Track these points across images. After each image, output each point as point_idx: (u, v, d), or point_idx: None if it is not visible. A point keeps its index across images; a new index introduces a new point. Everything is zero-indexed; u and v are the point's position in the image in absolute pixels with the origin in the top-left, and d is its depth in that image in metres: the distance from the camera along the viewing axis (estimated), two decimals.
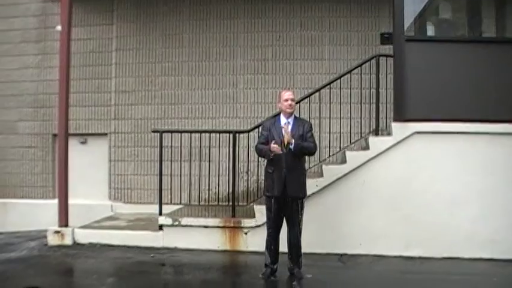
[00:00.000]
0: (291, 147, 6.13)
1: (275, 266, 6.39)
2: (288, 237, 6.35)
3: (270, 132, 6.38)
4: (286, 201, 6.25)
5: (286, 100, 6.38)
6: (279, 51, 9.91)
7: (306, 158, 8.24)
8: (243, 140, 8.76)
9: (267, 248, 6.43)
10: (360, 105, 8.34)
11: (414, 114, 7.45)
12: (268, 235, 6.42)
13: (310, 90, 8.67)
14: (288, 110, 6.37)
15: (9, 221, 10.54)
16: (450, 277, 6.57)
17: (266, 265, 6.41)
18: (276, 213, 6.32)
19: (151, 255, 7.55)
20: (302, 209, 6.35)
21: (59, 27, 8.76)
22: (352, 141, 8.37)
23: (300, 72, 9.83)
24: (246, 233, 7.73)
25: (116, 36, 10.45)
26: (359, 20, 9.79)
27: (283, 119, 6.40)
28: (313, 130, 6.53)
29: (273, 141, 6.14)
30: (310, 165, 8.34)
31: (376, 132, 7.83)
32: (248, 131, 8.42)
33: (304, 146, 6.25)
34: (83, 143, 10.66)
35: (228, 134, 8.50)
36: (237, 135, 8.26)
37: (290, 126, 6.29)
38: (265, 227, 6.53)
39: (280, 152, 6.08)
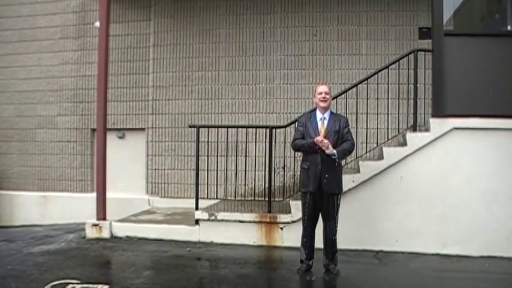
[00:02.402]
0: (335, 157, 6.09)
1: (310, 262, 6.39)
2: (324, 234, 6.34)
3: (306, 128, 6.34)
4: (322, 197, 6.21)
5: (320, 93, 6.31)
6: (316, 46, 9.85)
7: None
8: (280, 136, 8.76)
9: (302, 243, 6.42)
10: (397, 100, 8.25)
11: (453, 110, 7.33)
12: (304, 231, 6.41)
13: (347, 86, 8.64)
14: (322, 104, 6.30)
15: (48, 213, 10.79)
16: (488, 276, 6.45)
17: (302, 261, 6.42)
18: (312, 209, 6.30)
19: (187, 249, 7.61)
20: (338, 205, 6.29)
21: (97, 24, 8.91)
22: (389, 137, 8.28)
23: (336, 68, 9.75)
24: (281, 228, 7.73)
25: (154, 32, 10.54)
26: (397, 14, 9.65)
27: (319, 114, 6.36)
28: (350, 125, 6.44)
29: (316, 137, 6.10)
30: (347, 161, 8.31)
31: (414, 128, 7.72)
32: (285, 126, 8.41)
33: (345, 149, 6.22)
34: (121, 137, 10.79)
35: (264, 129, 8.51)
36: (274, 130, 8.23)
37: (326, 122, 6.27)
38: (301, 223, 6.51)
39: (327, 147, 6.04)
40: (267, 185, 8.27)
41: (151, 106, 10.45)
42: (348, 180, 7.38)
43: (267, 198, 8.11)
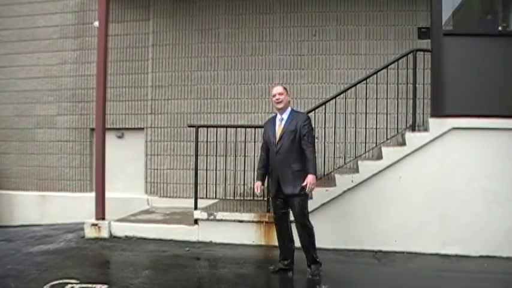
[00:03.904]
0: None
1: (286, 262, 6.45)
2: (298, 234, 6.36)
3: (266, 132, 6.46)
4: (285, 200, 6.26)
5: (274, 95, 6.32)
6: (315, 45, 9.84)
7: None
8: None
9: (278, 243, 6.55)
10: (396, 100, 8.24)
11: (452, 110, 7.32)
12: (276, 231, 6.51)
13: (346, 85, 8.63)
14: (277, 106, 6.31)
15: (47, 213, 10.81)
16: (487, 276, 6.46)
17: (279, 260, 6.51)
18: (276, 210, 6.40)
19: (187, 248, 7.62)
20: (303, 206, 6.19)
21: (96, 23, 8.93)
22: (388, 136, 8.28)
23: (336, 67, 9.75)
24: None
25: (153, 32, 10.53)
26: (396, 14, 9.65)
27: (278, 116, 6.37)
28: (312, 124, 6.38)
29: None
30: (346, 161, 8.31)
31: (413, 128, 7.71)
32: None
33: (312, 161, 6.07)
34: (120, 137, 10.78)
35: (263, 129, 8.49)
36: None
37: (283, 122, 6.26)
38: None
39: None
40: (265, 185, 8.26)
41: (151, 106, 10.45)
42: (346, 180, 7.43)
43: (265, 198, 8.10)
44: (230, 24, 10.14)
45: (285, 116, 6.28)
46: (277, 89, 6.32)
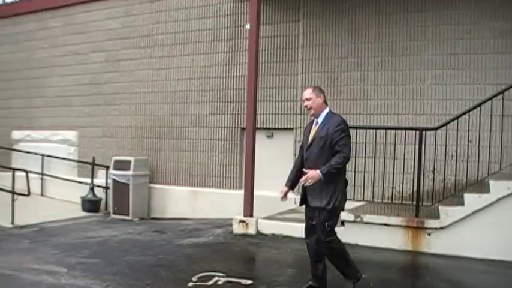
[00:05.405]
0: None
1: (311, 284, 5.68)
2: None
3: (304, 136, 5.82)
4: (309, 211, 5.62)
5: (303, 102, 5.70)
6: (469, 44, 9.31)
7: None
8: (430, 138, 8.42)
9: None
10: None
11: None
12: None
13: (503, 86, 8.12)
14: (309, 114, 5.66)
15: (198, 208, 11.27)
16: None
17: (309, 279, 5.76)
18: (306, 221, 5.73)
19: None
20: (326, 220, 5.43)
21: (248, 26, 9.17)
22: None
23: (492, 67, 9.15)
24: (429, 234, 7.45)
25: (302, 33, 10.59)
26: None
27: (315, 120, 5.66)
28: (347, 130, 5.52)
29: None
30: (502, 166, 7.84)
31: None
32: (435, 129, 8.11)
33: (331, 165, 5.27)
34: (269, 137, 10.95)
35: (414, 131, 8.29)
36: (424, 132, 7.98)
37: (317, 127, 5.54)
38: (447, 230, 6.23)
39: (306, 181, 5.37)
40: (415, 189, 8.03)
41: (300, 106, 10.47)
42: (502, 187, 6.99)
43: (414, 202, 7.88)
44: (380, 24, 9.92)
45: (320, 119, 5.58)
46: (305, 94, 5.65)
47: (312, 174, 5.25)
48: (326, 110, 5.61)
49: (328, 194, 5.36)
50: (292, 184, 5.87)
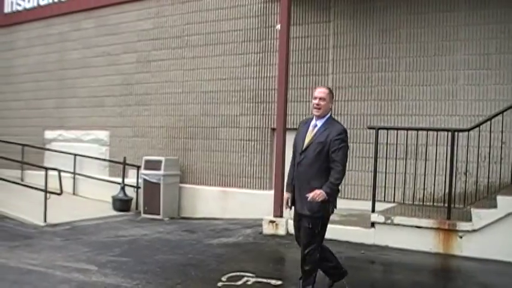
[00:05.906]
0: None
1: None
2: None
3: (297, 136, 5.57)
4: (299, 218, 5.45)
5: (315, 98, 5.40)
6: (504, 44, 9.15)
7: None
8: (462, 139, 8.32)
9: None
10: None
11: None
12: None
13: None
14: (315, 112, 5.40)
15: (228, 208, 11.30)
16: None
17: None
18: (296, 227, 5.58)
19: (362, 251, 7.55)
20: (313, 227, 5.32)
21: (278, 26, 9.17)
22: None
23: None
24: (461, 237, 7.36)
25: (333, 33, 10.54)
26: None
27: (314, 120, 5.47)
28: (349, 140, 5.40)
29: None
30: None
31: None
32: (468, 130, 8.00)
33: (334, 183, 5.17)
34: None
35: (446, 132, 8.19)
36: (456, 133, 7.88)
37: (316, 129, 5.37)
38: (480, 233, 6.14)
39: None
40: (446, 191, 7.92)
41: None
42: None
43: (446, 205, 7.79)
44: (412, 24, 9.82)
45: (320, 122, 5.40)
46: (321, 92, 5.44)
47: (318, 194, 5.10)
48: (328, 115, 5.47)
49: (319, 203, 5.18)
50: (293, 188, 5.54)
